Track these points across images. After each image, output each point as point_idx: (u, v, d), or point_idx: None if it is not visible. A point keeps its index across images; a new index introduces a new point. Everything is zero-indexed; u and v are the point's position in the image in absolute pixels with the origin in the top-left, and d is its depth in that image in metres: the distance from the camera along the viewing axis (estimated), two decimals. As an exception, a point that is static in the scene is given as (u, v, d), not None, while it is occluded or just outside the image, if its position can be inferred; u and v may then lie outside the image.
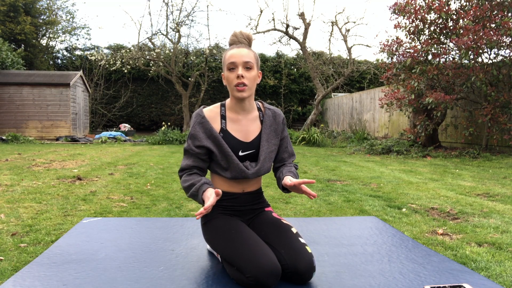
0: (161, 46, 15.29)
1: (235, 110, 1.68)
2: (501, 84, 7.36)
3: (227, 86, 1.63)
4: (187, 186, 1.61)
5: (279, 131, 1.75)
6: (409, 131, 8.53)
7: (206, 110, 1.68)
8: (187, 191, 1.61)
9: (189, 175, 1.65)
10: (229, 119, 1.68)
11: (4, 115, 12.78)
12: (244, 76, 1.57)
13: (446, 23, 7.82)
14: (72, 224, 2.58)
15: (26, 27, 17.25)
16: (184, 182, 1.64)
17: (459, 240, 2.33)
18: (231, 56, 1.60)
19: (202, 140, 1.63)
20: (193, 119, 1.65)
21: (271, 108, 1.77)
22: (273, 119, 1.74)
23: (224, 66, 1.63)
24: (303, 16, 13.70)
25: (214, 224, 1.67)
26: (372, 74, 15.63)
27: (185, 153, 1.68)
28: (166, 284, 1.51)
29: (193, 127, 1.64)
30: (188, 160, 1.67)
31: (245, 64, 1.58)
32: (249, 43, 1.67)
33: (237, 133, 1.67)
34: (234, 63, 1.58)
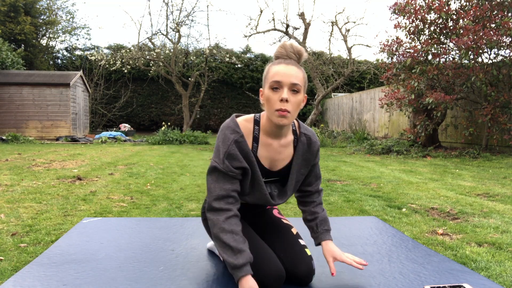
0: (161, 46, 15.30)
1: (269, 133, 1.46)
2: (501, 84, 7.36)
3: (265, 106, 1.40)
4: (225, 244, 1.34)
5: (311, 160, 1.55)
6: (409, 131, 8.53)
7: (242, 126, 1.44)
8: (222, 248, 1.35)
9: (228, 219, 1.37)
10: (262, 143, 1.46)
11: (4, 115, 12.78)
12: (288, 100, 1.33)
13: (446, 23, 7.82)
14: (72, 224, 2.58)
15: (26, 27, 17.25)
16: (221, 231, 1.36)
17: (459, 240, 2.33)
18: (277, 74, 1.35)
19: (242, 161, 1.41)
20: (229, 134, 1.40)
21: (307, 133, 1.54)
22: (307, 148, 1.53)
23: (266, 82, 1.39)
24: (303, 16, 13.70)
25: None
26: (372, 74, 15.63)
27: (218, 174, 1.40)
28: (166, 284, 1.51)
29: (230, 145, 1.38)
30: (225, 183, 1.40)
31: (292, 86, 1.35)
32: (298, 60, 1.43)
33: (265, 161, 1.49)
34: (280, 83, 1.34)
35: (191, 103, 17.62)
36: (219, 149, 1.40)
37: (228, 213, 1.38)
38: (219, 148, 1.40)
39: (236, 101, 19.73)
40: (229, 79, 19.38)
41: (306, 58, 1.45)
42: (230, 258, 1.33)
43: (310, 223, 1.59)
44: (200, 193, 3.73)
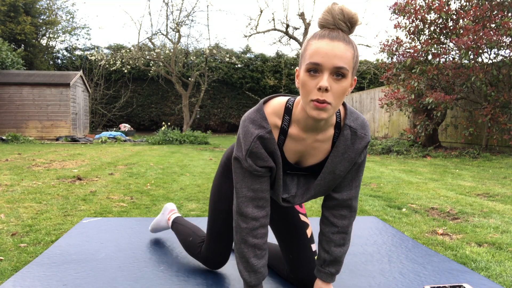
0: (161, 46, 15.30)
1: (302, 126, 1.16)
2: (501, 84, 7.36)
3: (301, 92, 1.08)
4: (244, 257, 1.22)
5: (354, 159, 1.21)
6: (409, 131, 8.53)
7: (269, 117, 1.17)
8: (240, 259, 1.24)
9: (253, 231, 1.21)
10: (291, 137, 1.19)
11: (4, 115, 12.78)
12: (329, 88, 1.02)
13: (446, 23, 7.82)
14: (72, 224, 2.58)
15: (26, 27, 17.25)
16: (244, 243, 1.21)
17: (459, 240, 2.33)
18: (317, 52, 1.02)
19: (267, 159, 1.17)
20: (252, 129, 1.14)
21: (354, 125, 1.19)
22: (351, 144, 1.19)
23: (303, 62, 1.06)
24: (303, 16, 13.70)
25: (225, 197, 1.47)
26: (372, 74, 15.62)
27: (244, 172, 1.19)
28: (166, 284, 1.51)
29: (253, 142, 1.14)
30: (253, 182, 1.19)
31: (336, 70, 1.02)
32: (350, 31, 1.07)
33: (292, 156, 1.22)
34: (320, 65, 1.02)
35: (191, 103, 17.62)
36: (241, 145, 1.16)
37: (256, 223, 1.20)
38: (241, 144, 1.16)
39: (236, 101, 19.73)
40: (229, 79, 19.37)
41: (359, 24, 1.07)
42: (245, 273, 1.24)
43: (320, 253, 1.34)
44: (200, 193, 3.73)
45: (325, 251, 1.31)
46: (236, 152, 1.19)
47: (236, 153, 1.19)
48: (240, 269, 1.25)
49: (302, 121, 1.15)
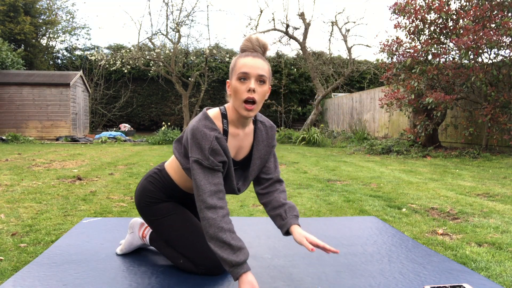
0: (161, 46, 15.29)
1: (236, 125, 1.52)
2: (501, 84, 7.36)
3: (232, 97, 1.44)
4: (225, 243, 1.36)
5: (271, 146, 1.63)
6: (409, 131, 8.53)
7: (213, 118, 1.48)
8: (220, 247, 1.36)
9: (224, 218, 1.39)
10: (231, 135, 1.51)
11: (4, 115, 12.78)
12: (256, 90, 1.40)
13: (446, 23, 7.81)
14: (72, 224, 2.58)
15: (26, 27, 17.25)
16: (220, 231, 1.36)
17: (459, 240, 2.33)
18: (244, 65, 1.41)
19: (223, 155, 1.44)
20: (209, 133, 1.41)
21: (263, 120, 1.62)
22: (266, 134, 1.61)
23: (234, 74, 1.44)
24: (303, 16, 13.70)
25: (165, 210, 1.65)
26: (372, 74, 15.63)
27: (204, 170, 1.41)
28: (166, 284, 1.51)
29: (213, 141, 1.40)
30: (213, 177, 1.42)
31: (259, 77, 1.41)
32: (263, 53, 1.49)
33: (232, 151, 1.54)
34: (247, 74, 1.40)
35: (191, 103, 17.62)
36: (200, 146, 1.40)
37: (223, 211, 1.40)
38: (201, 145, 1.40)
39: (236, 101, 19.70)
40: (229, 79, 19.35)
41: (269, 50, 1.51)
42: (230, 256, 1.34)
43: (277, 211, 1.58)
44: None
45: (281, 206, 1.58)
46: (195, 155, 1.40)
47: (195, 156, 1.40)
48: (224, 257, 1.35)
49: (235, 120, 1.50)
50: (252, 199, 3.47)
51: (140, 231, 1.82)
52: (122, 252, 1.85)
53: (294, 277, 1.59)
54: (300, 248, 1.96)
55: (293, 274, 1.63)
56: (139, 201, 1.68)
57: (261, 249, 1.95)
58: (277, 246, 2.01)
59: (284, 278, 1.59)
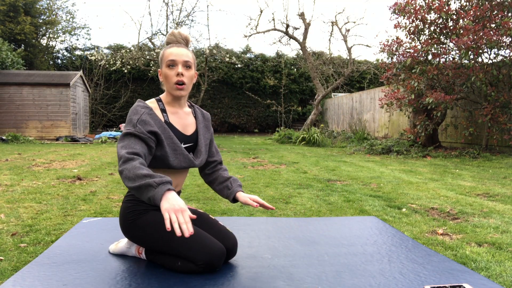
0: (161, 46, 15.28)
1: (173, 105, 1.72)
2: (501, 84, 7.36)
3: (164, 83, 1.66)
4: (143, 175, 1.37)
5: (209, 128, 1.87)
6: (409, 131, 8.53)
7: (148, 102, 1.66)
8: (140, 181, 1.37)
9: (142, 164, 1.43)
10: (169, 112, 1.70)
11: (4, 115, 12.78)
12: (184, 74, 1.63)
13: (446, 23, 7.81)
14: (72, 224, 2.58)
15: (26, 27, 17.25)
16: (138, 169, 1.39)
17: (459, 240, 2.33)
18: (170, 54, 1.63)
19: (153, 126, 1.57)
20: (140, 109, 1.58)
21: (197, 107, 1.88)
22: (202, 117, 1.85)
23: (163, 63, 1.65)
24: (303, 16, 13.70)
25: (150, 220, 1.64)
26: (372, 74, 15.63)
27: (129, 137, 1.52)
28: (166, 284, 1.51)
29: (142, 114, 1.57)
30: (136, 144, 1.49)
31: (185, 63, 1.64)
32: (186, 44, 1.71)
33: (178, 126, 1.71)
34: (174, 61, 1.62)
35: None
36: (131, 120, 1.55)
37: (140, 159, 1.45)
38: (132, 119, 1.56)
39: (236, 101, 19.73)
40: (229, 79, 19.36)
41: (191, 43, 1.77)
42: (152, 179, 1.36)
43: (223, 184, 1.81)
44: (200, 193, 3.73)
45: (226, 179, 1.82)
46: (126, 128, 1.54)
47: (126, 128, 1.54)
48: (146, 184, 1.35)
49: (170, 101, 1.71)
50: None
51: (137, 248, 1.80)
52: (113, 252, 1.85)
53: (294, 277, 1.59)
54: (300, 248, 1.96)
55: (293, 274, 1.63)
56: (124, 221, 1.69)
57: (261, 249, 1.95)
58: (277, 246, 2.01)
59: (284, 278, 1.59)
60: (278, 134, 12.72)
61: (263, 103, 19.41)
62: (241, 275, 1.61)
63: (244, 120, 19.75)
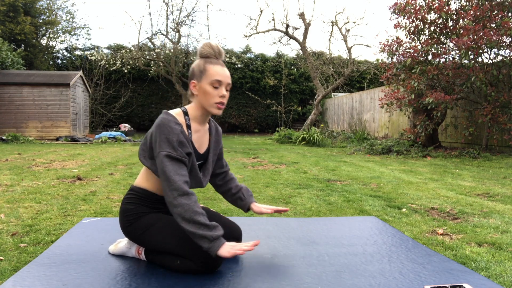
0: (161, 46, 15.29)
1: (199, 121, 1.70)
2: (501, 84, 7.36)
3: (202, 98, 1.63)
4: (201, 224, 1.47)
5: (220, 142, 1.88)
6: (409, 131, 8.53)
7: (176, 116, 1.63)
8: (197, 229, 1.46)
9: (196, 203, 1.51)
10: (193, 129, 1.69)
11: (4, 115, 12.78)
12: (225, 96, 1.66)
13: (446, 23, 7.81)
14: (72, 224, 2.58)
15: (26, 27, 17.24)
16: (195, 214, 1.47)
17: (459, 240, 2.33)
18: (217, 74, 1.62)
19: (188, 147, 1.59)
20: (175, 127, 1.55)
21: (213, 120, 1.88)
22: (216, 131, 1.85)
23: (205, 78, 1.62)
24: (303, 16, 13.70)
25: (150, 221, 1.66)
26: (372, 74, 15.63)
27: (176, 163, 1.52)
28: (166, 284, 1.51)
29: (179, 134, 1.55)
30: (181, 169, 1.53)
31: (228, 85, 1.67)
32: (223, 60, 1.71)
33: (197, 144, 1.71)
34: (221, 82, 1.63)
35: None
36: (170, 140, 1.53)
37: (195, 197, 1.52)
38: (170, 139, 1.53)
39: (236, 101, 19.73)
40: (229, 79, 19.35)
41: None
42: (209, 232, 1.47)
43: (237, 195, 1.90)
44: (200, 193, 3.73)
45: (238, 190, 1.90)
46: (165, 149, 1.52)
47: (165, 150, 1.52)
48: (203, 235, 1.46)
49: (199, 117, 1.69)
50: (252, 199, 3.47)
51: (137, 249, 1.80)
52: (113, 253, 1.85)
53: (294, 277, 1.59)
54: (300, 248, 1.97)
55: (293, 274, 1.63)
56: (123, 223, 1.70)
57: (261, 249, 1.95)
58: (277, 246, 2.01)
59: (284, 278, 1.59)
60: (278, 134, 12.72)
61: (263, 103, 19.41)
62: (241, 275, 1.61)
63: (244, 120, 19.75)
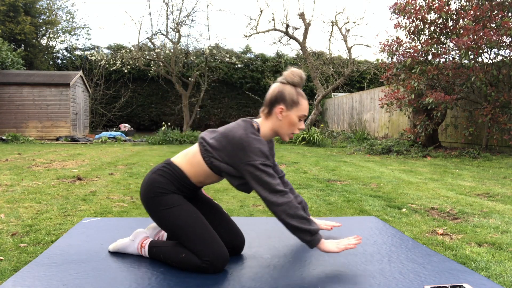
0: (161, 46, 15.29)
1: (264, 138, 1.77)
2: (501, 84, 7.36)
3: (285, 126, 1.71)
4: (303, 218, 1.58)
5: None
6: (409, 131, 8.53)
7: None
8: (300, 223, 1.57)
9: (294, 200, 1.62)
10: None
11: (4, 115, 12.78)
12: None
13: (446, 23, 7.81)
14: (72, 224, 2.58)
15: (26, 27, 17.24)
16: (298, 209, 1.59)
17: (459, 240, 2.33)
18: (306, 109, 1.72)
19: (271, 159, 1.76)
20: (261, 139, 1.64)
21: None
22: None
23: (296, 110, 1.69)
24: (303, 16, 13.70)
25: (177, 201, 1.69)
26: (372, 74, 15.63)
27: (267, 168, 1.62)
28: (166, 285, 1.51)
29: (266, 145, 1.64)
30: (273, 174, 1.64)
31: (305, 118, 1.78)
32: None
33: None
34: (305, 116, 1.73)
35: (191, 103, 17.61)
36: (261, 150, 1.61)
37: (291, 195, 1.63)
38: (261, 149, 1.61)
39: (236, 101, 19.72)
40: (229, 79, 19.36)
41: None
42: (310, 226, 1.58)
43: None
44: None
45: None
46: (259, 159, 1.60)
47: (259, 160, 1.60)
48: (306, 228, 1.57)
49: (266, 136, 1.75)
50: (252, 199, 3.47)
51: (141, 241, 1.81)
52: (113, 250, 1.85)
53: (294, 277, 1.59)
54: (300, 248, 1.97)
55: (293, 274, 1.63)
56: (148, 192, 1.70)
57: (261, 249, 1.95)
58: (277, 246, 2.01)
59: (284, 278, 1.59)
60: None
61: (263, 103, 19.42)
62: (241, 275, 1.61)
63: (244, 120, 19.75)
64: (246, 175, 1.61)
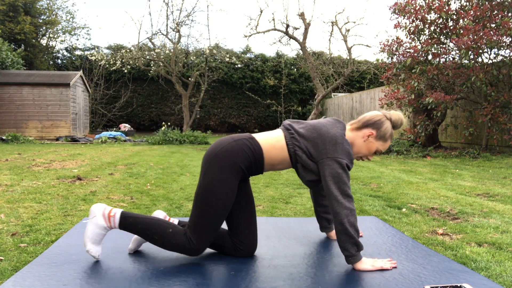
0: (161, 46, 15.28)
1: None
2: (501, 84, 7.36)
3: (363, 148, 1.79)
4: (357, 231, 1.64)
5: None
6: (409, 131, 8.53)
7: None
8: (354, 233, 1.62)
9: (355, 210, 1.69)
10: None
11: (4, 115, 12.78)
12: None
13: (446, 23, 7.81)
14: (72, 224, 2.58)
15: (26, 27, 17.24)
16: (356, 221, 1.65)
17: (459, 240, 2.33)
18: (385, 148, 1.83)
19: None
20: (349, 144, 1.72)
21: None
22: None
23: (380, 143, 1.80)
24: (303, 16, 13.69)
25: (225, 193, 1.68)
26: (372, 74, 15.63)
27: (348, 172, 1.68)
28: (166, 285, 1.51)
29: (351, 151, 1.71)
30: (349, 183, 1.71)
31: None
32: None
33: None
34: (380, 152, 1.83)
35: (191, 103, 17.62)
36: (349, 154, 1.68)
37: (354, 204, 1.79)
38: (350, 153, 1.69)
39: (236, 101, 19.72)
40: (229, 79, 19.36)
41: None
42: (360, 241, 1.66)
43: (327, 215, 2.10)
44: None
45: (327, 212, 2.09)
46: (345, 159, 1.66)
47: (346, 159, 1.66)
48: (357, 242, 1.62)
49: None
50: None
51: (103, 212, 1.71)
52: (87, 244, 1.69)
53: (294, 277, 1.60)
54: (300, 248, 1.97)
55: (293, 274, 1.63)
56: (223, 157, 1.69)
57: (261, 249, 1.95)
58: (277, 246, 2.01)
59: (284, 278, 1.59)
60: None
61: (263, 103, 19.41)
62: (241, 275, 1.61)
63: (244, 120, 19.75)
64: (325, 169, 1.65)
